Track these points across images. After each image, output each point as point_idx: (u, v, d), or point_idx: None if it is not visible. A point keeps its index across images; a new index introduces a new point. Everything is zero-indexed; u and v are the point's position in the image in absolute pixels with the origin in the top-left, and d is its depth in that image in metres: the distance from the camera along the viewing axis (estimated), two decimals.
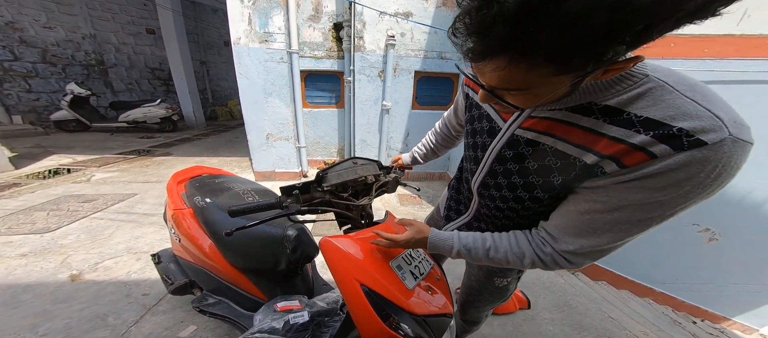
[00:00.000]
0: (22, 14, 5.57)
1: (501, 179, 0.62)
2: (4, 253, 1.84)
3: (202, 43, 8.04)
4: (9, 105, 5.63)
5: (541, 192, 0.55)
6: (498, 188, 0.64)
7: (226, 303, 1.13)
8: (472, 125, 0.69)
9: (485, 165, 0.65)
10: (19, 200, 2.65)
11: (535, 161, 0.53)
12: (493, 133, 0.62)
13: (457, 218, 0.86)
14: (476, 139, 0.67)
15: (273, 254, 0.99)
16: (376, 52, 3.21)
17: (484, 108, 0.65)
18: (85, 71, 6.45)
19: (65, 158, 3.99)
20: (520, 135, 0.55)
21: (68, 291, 1.55)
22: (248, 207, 0.67)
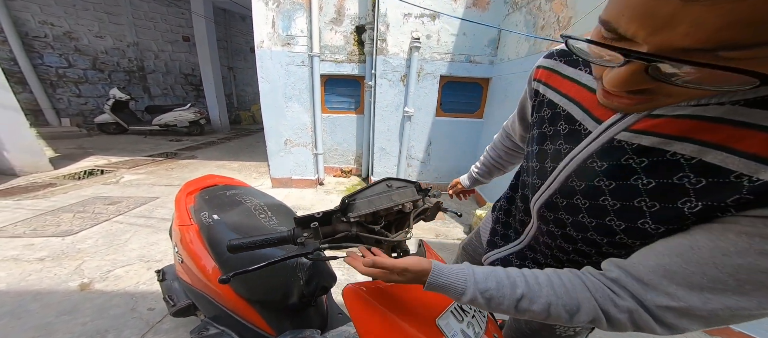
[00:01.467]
0: (78, 24, 6.04)
1: (579, 200, 0.44)
2: (23, 256, 1.81)
3: (230, 49, 8.34)
4: (59, 109, 6.09)
5: (653, 223, 0.36)
6: (572, 212, 0.46)
7: (229, 335, 0.96)
8: (541, 128, 0.53)
9: (556, 179, 0.48)
10: (52, 200, 2.71)
11: (653, 178, 0.35)
12: (575, 137, 0.45)
13: (504, 246, 0.70)
14: (545, 145, 0.51)
15: (284, 285, 0.83)
16: (399, 55, 3.01)
17: (564, 106, 0.48)
18: (127, 77, 6.86)
19: (101, 159, 4.15)
20: (626, 140, 0.37)
21: (75, 301, 1.46)
22: (253, 243, 0.54)
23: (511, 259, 0.67)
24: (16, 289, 1.51)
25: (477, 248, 0.90)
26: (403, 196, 0.68)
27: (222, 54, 7.59)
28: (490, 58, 3.08)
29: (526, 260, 0.64)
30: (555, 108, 0.50)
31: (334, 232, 0.61)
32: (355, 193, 0.63)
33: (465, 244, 1.00)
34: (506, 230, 0.72)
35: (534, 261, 0.62)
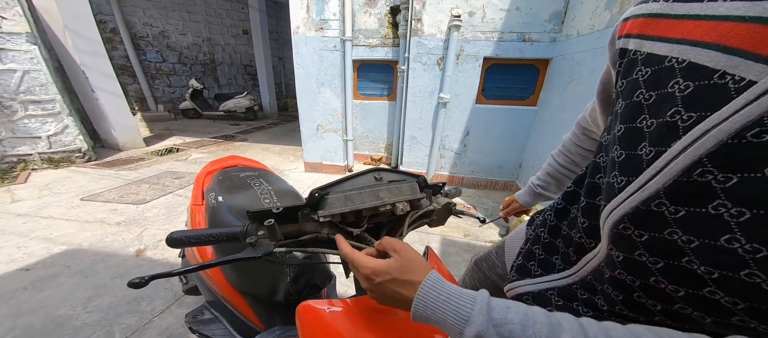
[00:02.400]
0: (169, 24, 7.06)
1: (720, 208, 0.23)
2: (108, 219, 2.17)
3: (280, 40, 8.80)
4: (157, 97, 7.33)
5: None
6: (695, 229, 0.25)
7: (222, 324, 0.95)
8: (632, 97, 0.33)
9: (662, 171, 0.28)
10: (138, 172, 3.24)
11: None
12: (712, 98, 0.25)
13: (542, 276, 0.51)
14: (640, 122, 0.31)
15: (270, 280, 0.76)
16: (435, 36, 2.64)
17: (680, 55, 0.28)
18: (202, 69, 7.85)
19: (179, 139, 4.85)
20: None
21: (129, 266, 1.66)
22: (196, 237, 0.44)
23: (550, 296, 0.47)
24: (93, 249, 1.80)
25: (496, 268, 0.71)
26: (395, 194, 0.53)
27: (273, 45, 8.06)
28: (552, 34, 2.47)
29: (574, 301, 0.43)
30: (661, 63, 0.30)
31: (299, 232, 0.49)
32: (329, 185, 0.50)
33: (479, 259, 0.79)
34: (549, 254, 0.52)
35: (588, 305, 0.41)
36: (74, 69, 3.58)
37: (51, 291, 1.43)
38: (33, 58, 2.93)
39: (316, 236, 0.49)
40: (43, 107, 3.10)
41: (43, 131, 3.14)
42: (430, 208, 0.60)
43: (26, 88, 2.96)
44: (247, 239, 0.44)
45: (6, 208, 2.27)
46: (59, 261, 1.68)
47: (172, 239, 0.42)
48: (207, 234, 0.45)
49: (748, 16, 0.24)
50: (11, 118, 2.94)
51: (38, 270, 1.60)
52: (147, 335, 1.24)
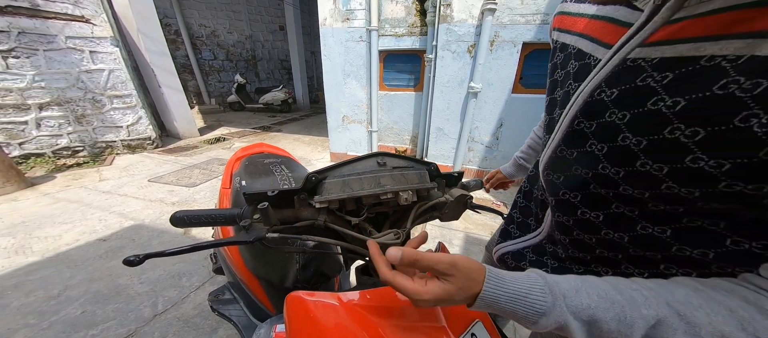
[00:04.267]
0: (218, 24, 7.55)
1: (594, 146, 0.34)
2: (166, 199, 2.41)
3: (313, 35, 8.88)
4: (210, 91, 8.00)
5: (709, 158, 0.24)
6: (586, 165, 0.35)
7: (239, 305, 0.97)
8: (552, 76, 0.45)
9: (561, 125, 0.38)
10: (193, 158, 3.56)
11: (680, 95, 0.25)
12: (584, 72, 0.36)
13: (520, 237, 0.55)
14: (556, 93, 0.43)
15: (281, 266, 0.74)
16: (466, 22, 2.35)
17: (574, 43, 0.40)
18: (245, 65, 8.32)
19: (226, 130, 5.25)
20: (642, 57, 0.29)
21: (178, 243, 1.81)
22: (197, 218, 0.43)
23: (525, 253, 0.53)
24: (152, 226, 2.01)
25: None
26: (399, 181, 0.47)
27: (306, 40, 8.17)
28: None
29: (544, 255, 0.49)
30: (566, 49, 0.42)
31: (295, 218, 0.46)
32: (327, 169, 0.46)
33: (488, 243, 0.82)
34: (525, 217, 0.58)
35: (554, 257, 0.48)
36: (145, 67, 4.01)
37: (117, 261, 1.63)
38: (116, 58, 3.33)
39: (313, 224, 0.46)
40: (124, 100, 3.54)
41: (124, 122, 3.61)
42: (441, 200, 0.51)
43: (111, 84, 3.39)
44: (241, 223, 0.43)
45: (95, 185, 2.66)
46: (127, 234, 1.91)
47: (176, 219, 0.42)
48: (206, 215, 0.44)
49: (599, 15, 0.37)
50: (101, 110, 3.41)
51: (112, 241, 1.83)
52: (183, 308, 1.33)
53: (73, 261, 1.62)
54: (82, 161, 3.22)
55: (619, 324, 0.26)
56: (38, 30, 2.77)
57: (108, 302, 1.35)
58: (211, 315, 1.30)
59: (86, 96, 3.24)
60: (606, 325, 0.26)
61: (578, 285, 0.29)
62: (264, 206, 0.41)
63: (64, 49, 2.96)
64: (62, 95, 3.06)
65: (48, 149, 3.09)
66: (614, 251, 0.37)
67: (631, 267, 0.36)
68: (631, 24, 0.31)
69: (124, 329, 1.21)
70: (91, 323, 1.23)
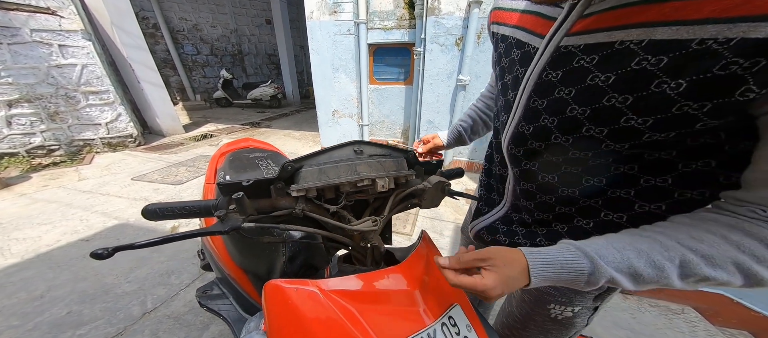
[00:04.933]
0: (201, 18, 7.25)
1: (546, 121, 0.41)
2: (151, 198, 2.35)
3: (301, 29, 8.66)
4: (194, 87, 7.72)
5: (638, 117, 0.32)
6: (540, 136, 0.42)
7: (228, 300, 0.97)
8: (500, 63, 0.51)
9: (520, 104, 0.44)
10: (179, 156, 3.47)
11: (609, 70, 0.33)
12: (527, 58, 0.43)
13: (488, 212, 0.60)
14: (506, 78, 0.49)
15: (267, 257, 0.74)
16: (454, 14, 2.37)
17: (512, 35, 0.46)
18: (231, 60, 8.06)
19: (213, 126, 5.11)
20: (571, 45, 0.36)
21: None
22: (169, 210, 0.42)
23: (496, 226, 0.58)
24: (137, 224, 1.97)
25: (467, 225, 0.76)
26: (376, 169, 0.48)
27: (295, 34, 7.97)
28: None
29: (512, 224, 0.55)
30: (507, 40, 0.48)
31: (273, 207, 0.46)
32: (303, 157, 0.46)
33: (462, 226, 0.85)
34: (489, 193, 0.63)
35: (521, 224, 0.54)
36: (123, 62, 3.83)
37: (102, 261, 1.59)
38: (89, 52, 3.16)
39: (291, 213, 0.45)
40: (101, 97, 3.38)
41: (102, 119, 3.45)
42: (419, 187, 0.52)
43: (86, 80, 3.23)
44: (216, 213, 0.42)
45: (74, 185, 2.56)
46: (112, 233, 1.86)
47: (147, 211, 0.40)
48: (180, 207, 0.42)
49: (529, 10, 0.44)
50: (76, 107, 3.25)
51: (95, 241, 1.78)
52: (173, 306, 1.32)
53: (55, 261, 1.57)
54: (59, 161, 3.08)
55: (654, 270, 0.30)
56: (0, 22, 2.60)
57: (95, 301, 1.32)
58: (203, 312, 1.30)
59: (58, 92, 3.08)
60: (645, 272, 0.30)
61: (603, 243, 0.33)
62: (239, 196, 0.41)
63: (29, 42, 2.78)
64: (32, 91, 2.89)
65: (21, 149, 2.93)
66: (569, 206, 0.45)
67: (581, 219, 0.44)
68: (555, 18, 0.38)
69: (112, 328, 1.20)
70: (78, 323, 1.21)
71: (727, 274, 0.28)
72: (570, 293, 0.51)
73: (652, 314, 1.39)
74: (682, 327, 1.33)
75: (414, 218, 2.17)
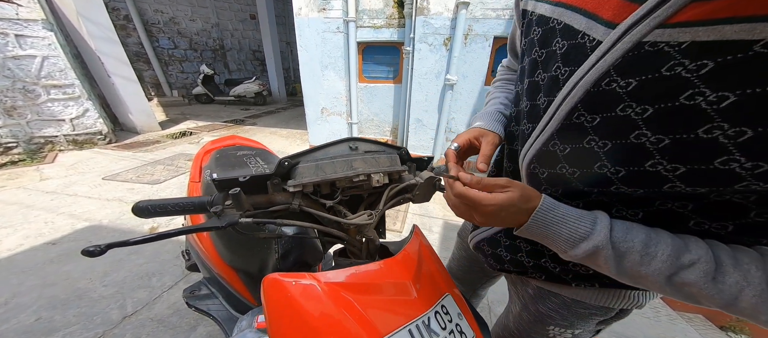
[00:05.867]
0: (178, 10, 6.89)
1: (594, 143, 0.30)
2: (126, 198, 2.22)
3: (288, 25, 8.50)
4: (171, 83, 7.33)
5: (746, 160, 0.21)
6: (581, 162, 0.32)
7: (218, 299, 0.95)
8: (531, 55, 0.38)
9: (553, 117, 0.33)
10: (155, 154, 3.29)
11: (727, 89, 0.21)
12: (579, 55, 0.30)
13: None
14: (537, 76, 0.37)
15: (259, 257, 0.73)
16: (442, 14, 2.44)
17: (558, 17, 0.33)
18: (212, 55, 7.74)
19: (192, 123, 4.88)
20: (666, 41, 0.23)
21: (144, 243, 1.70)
22: (162, 207, 0.40)
23: (498, 238, 0.52)
24: (111, 226, 1.85)
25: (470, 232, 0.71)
26: (371, 164, 0.49)
27: (281, 30, 7.81)
28: None
29: (516, 239, 0.49)
30: (547, 24, 0.35)
31: (269, 203, 0.46)
32: (300, 154, 0.47)
33: (460, 230, 0.79)
34: None
35: (527, 240, 0.47)
36: (91, 55, 3.57)
37: (73, 264, 1.49)
38: (50, 44, 2.92)
39: (288, 208, 0.46)
40: (64, 91, 3.13)
41: (66, 114, 3.20)
42: (411, 182, 0.54)
43: (47, 73, 2.98)
44: (212, 209, 0.41)
45: (35, 185, 2.36)
46: (82, 236, 1.74)
47: (138, 208, 0.39)
48: (173, 203, 0.41)
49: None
50: (35, 101, 2.99)
51: (63, 244, 1.66)
52: (156, 308, 1.27)
53: (18, 266, 1.44)
54: (18, 159, 2.82)
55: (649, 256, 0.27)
56: None
57: (67, 307, 1.24)
58: (189, 314, 1.26)
59: (15, 85, 2.82)
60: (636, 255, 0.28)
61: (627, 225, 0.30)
62: (236, 192, 0.41)
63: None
64: None
65: None
66: None
67: None
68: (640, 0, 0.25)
69: (89, 333, 1.13)
70: (49, 329, 1.12)
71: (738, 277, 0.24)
72: (572, 318, 0.48)
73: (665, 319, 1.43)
74: (648, 313, 1.46)
75: (403, 215, 2.22)
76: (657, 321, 1.41)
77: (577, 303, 0.46)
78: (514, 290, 0.60)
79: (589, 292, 0.45)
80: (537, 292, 0.52)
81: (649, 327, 1.37)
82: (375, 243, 0.52)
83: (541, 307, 0.51)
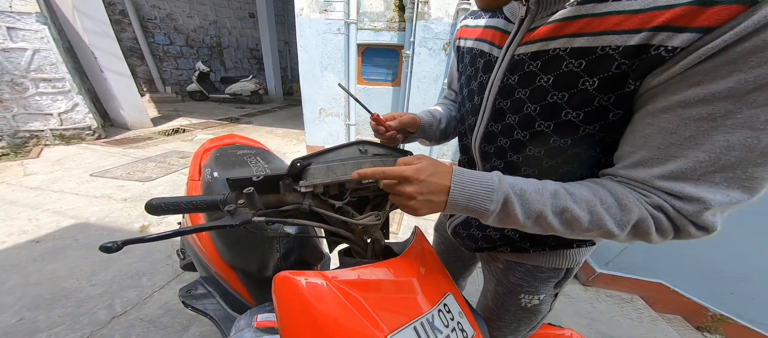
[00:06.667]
0: (176, 7, 6.81)
1: (510, 118, 0.47)
2: (115, 195, 2.16)
3: (287, 24, 8.49)
4: (165, 79, 7.21)
5: (572, 110, 0.39)
6: (507, 134, 0.49)
7: (215, 299, 0.94)
8: (466, 73, 0.58)
9: (487, 106, 0.51)
10: (146, 151, 3.22)
11: (549, 72, 0.40)
12: (489, 67, 0.51)
13: None
14: (472, 85, 0.56)
15: (260, 256, 0.74)
16: (443, 19, 2.48)
17: (476, 47, 0.55)
18: (209, 52, 7.65)
19: (185, 120, 4.80)
20: (522, 53, 0.43)
21: None
22: (175, 204, 0.42)
23: (470, 220, 0.62)
24: (100, 224, 1.80)
25: (445, 225, 0.77)
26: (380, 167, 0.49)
27: (279, 29, 7.79)
28: None
29: None
30: (471, 51, 0.56)
31: (281, 203, 0.47)
32: (312, 155, 0.49)
33: (436, 225, 0.89)
34: None
35: None
36: (83, 50, 3.49)
37: (59, 263, 1.44)
38: (43, 37, 2.85)
39: (298, 208, 0.47)
40: (54, 85, 3.04)
41: (54, 109, 3.10)
42: None
43: (37, 66, 2.90)
44: (225, 207, 0.42)
45: (19, 181, 2.27)
46: (68, 234, 1.68)
47: (151, 206, 0.41)
48: (186, 202, 0.42)
49: (489, 25, 0.53)
50: (23, 94, 2.89)
51: (48, 242, 1.60)
52: (147, 308, 1.23)
53: (0, 265, 1.38)
54: (1, 153, 2.72)
55: (537, 194, 0.38)
56: None
57: (52, 307, 1.19)
58: (181, 314, 1.22)
59: (2, 78, 2.73)
60: (530, 195, 0.38)
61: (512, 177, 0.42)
62: (250, 191, 0.41)
63: None
64: None
65: None
66: None
67: None
68: (509, 31, 0.47)
69: (76, 334, 1.08)
70: (32, 330, 1.08)
71: (579, 210, 0.36)
72: (536, 283, 0.60)
73: (607, 303, 1.55)
74: (632, 314, 1.50)
75: (399, 217, 2.22)
76: (640, 321, 1.45)
77: (537, 268, 0.58)
78: (487, 269, 0.70)
79: (543, 256, 0.57)
80: (506, 265, 0.62)
81: (633, 327, 1.41)
82: (380, 244, 0.53)
83: (511, 278, 0.62)
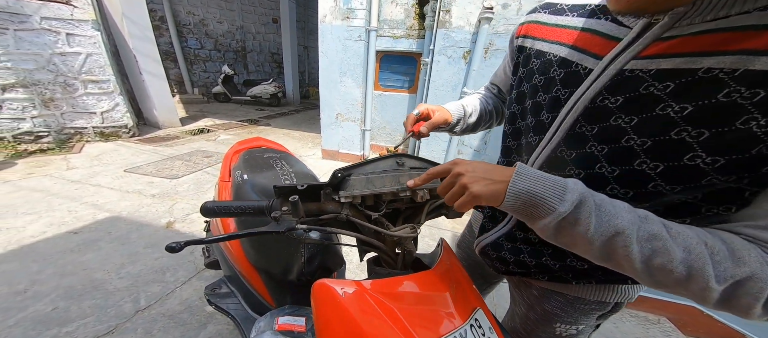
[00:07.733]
0: (208, 13, 7.23)
1: (594, 148, 0.37)
2: (145, 191, 2.27)
3: (306, 29, 8.73)
4: (194, 81, 7.62)
5: (707, 155, 0.28)
6: (584, 164, 0.39)
7: (237, 298, 0.97)
8: (531, 81, 0.48)
9: (559, 128, 0.41)
10: (173, 149, 3.39)
11: (687, 101, 0.29)
12: (574, 79, 0.40)
13: (492, 229, 0.56)
14: (538, 97, 0.46)
15: (285, 258, 0.76)
16: (464, 28, 2.44)
17: (555, 52, 0.44)
18: (234, 56, 8.02)
19: (210, 121, 5.03)
20: (640, 69, 0.33)
21: (159, 237, 1.72)
22: (226, 208, 0.46)
23: (501, 242, 0.55)
24: (130, 218, 1.89)
25: (471, 243, 0.73)
26: None
27: (300, 34, 8.03)
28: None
29: (516, 241, 0.53)
30: (544, 56, 0.46)
31: (320, 211, 0.49)
32: (352, 166, 0.50)
33: (459, 241, 0.82)
34: (493, 209, 0.59)
35: (526, 242, 0.51)
36: (127, 53, 3.77)
37: (92, 254, 1.52)
38: (95, 42, 3.11)
39: (336, 217, 0.48)
40: (100, 86, 3.30)
41: (98, 108, 3.36)
42: None
43: (87, 69, 3.16)
44: (272, 214, 0.44)
45: (62, 174, 2.45)
46: (102, 227, 1.78)
47: (205, 209, 0.44)
48: (236, 206, 0.45)
49: (581, 27, 0.42)
50: (72, 94, 3.15)
51: (84, 233, 1.70)
52: (169, 303, 1.27)
53: (40, 254, 1.48)
54: (47, 148, 2.96)
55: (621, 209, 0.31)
56: (10, 9, 2.54)
57: (83, 298, 1.25)
58: (200, 311, 1.25)
59: (57, 79, 2.99)
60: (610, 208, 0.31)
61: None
62: (295, 199, 0.43)
63: (37, 29, 2.73)
64: (30, 76, 2.81)
65: (8, 133, 2.81)
66: None
67: None
68: (619, 38, 0.35)
69: (103, 325, 1.13)
70: (64, 320, 1.14)
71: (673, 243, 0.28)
72: (576, 315, 0.52)
73: (631, 323, 1.42)
74: (658, 336, 1.36)
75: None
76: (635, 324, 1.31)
77: (579, 299, 0.51)
78: (517, 293, 0.63)
79: (588, 288, 0.50)
80: (541, 292, 0.55)
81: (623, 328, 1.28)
82: (412, 255, 0.53)
83: (547, 306, 0.55)
